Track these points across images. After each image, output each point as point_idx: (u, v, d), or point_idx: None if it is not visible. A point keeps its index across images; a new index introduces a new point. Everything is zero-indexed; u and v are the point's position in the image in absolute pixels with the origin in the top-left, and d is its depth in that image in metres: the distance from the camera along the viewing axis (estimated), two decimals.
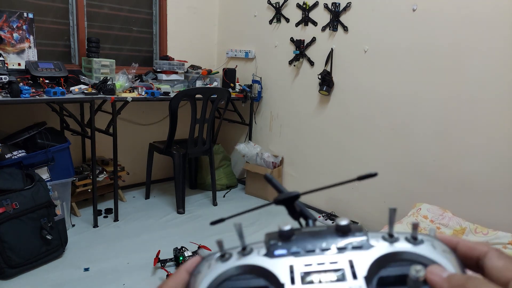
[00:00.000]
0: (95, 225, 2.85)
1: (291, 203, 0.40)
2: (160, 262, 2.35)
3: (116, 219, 2.97)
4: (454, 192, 2.52)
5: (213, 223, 0.40)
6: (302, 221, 0.41)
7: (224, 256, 0.33)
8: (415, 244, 0.33)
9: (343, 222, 0.34)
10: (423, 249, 0.32)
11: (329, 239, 0.33)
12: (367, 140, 2.97)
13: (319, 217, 3.22)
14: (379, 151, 2.90)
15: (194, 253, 2.40)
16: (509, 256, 0.30)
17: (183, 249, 2.37)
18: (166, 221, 3.02)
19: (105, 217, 3.02)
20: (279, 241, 0.33)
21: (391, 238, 0.33)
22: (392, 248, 0.32)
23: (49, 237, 2.29)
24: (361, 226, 0.34)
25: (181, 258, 2.29)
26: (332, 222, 3.09)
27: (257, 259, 0.33)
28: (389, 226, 0.34)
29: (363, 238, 0.33)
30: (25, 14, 2.69)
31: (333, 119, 3.18)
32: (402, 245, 0.33)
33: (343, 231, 0.34)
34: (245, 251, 0.34)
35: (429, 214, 2.36)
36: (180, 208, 3.19)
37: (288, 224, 0.35)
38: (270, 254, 0.33)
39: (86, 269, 2.30)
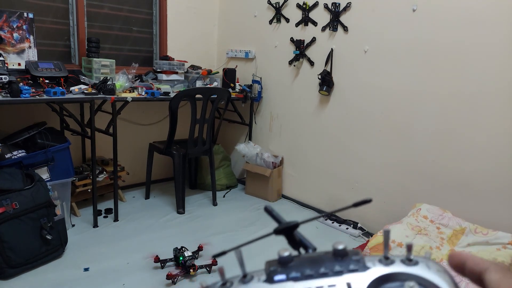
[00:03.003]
0: (95, 225, 2.85)
1: (290, 232, 0.42)
2: (160, 262, 2.35)
3: (116, 219, 2.97)
4: (454, 192, 2.52)
5: (216, 256, 0.43)
6: (302, 251, 0.43)
7: (225, 285, 0.34)
8: (410, 265, 0.34)
9: (340, 246, 0.35)
10: (418, 270, 0.33)
11: (327, 264, 0.34)
12: (367, 140, 2.97)
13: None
14: (379, 151, 2.90)
15: (194, 253, 2.40)
16: (509, 270, 0.32)
17: (183, 249, 2.37)
18: (166, 221, 3.01)
19: (105, 217, 3.02)
20: (279, 267, 0.35)
21: (386, 260, 0.35)
22: (388, 269, 0.34)
23: (49, 237, 2.29)
24: (358, 250, 0.36)
25: (181, 258, 2.29)
26: (332, 222, 3.09)
27: (258, 285, 0.34)
28: (384, 249, 0.36)
29: (360, 261, 0.35)
30: (25, 14, 2.69)
31: (333, 119, 3.18)
32: (398, 267, 0.34)
33: (341, 255, 0.35)
34: (245, 278, 0.35)
35: (429, 214, 2.36)
36: (180, 208, 3.19)
37: (287, 250, 0.36)
38: (270, 280, 0.34)
39: (86, 269, 2.30)
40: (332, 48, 3.11)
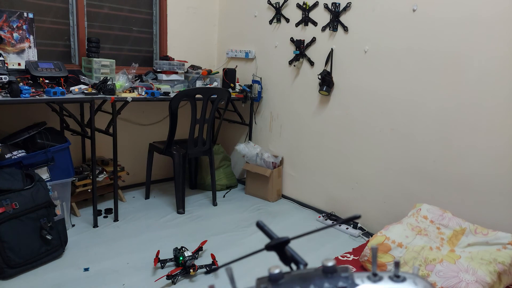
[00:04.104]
0: (95, 225, 2.85)
1: (282, 248, 0.42)
2: (160, 262, 2.35)
3: (116, 219, 2.97)
4: (454, 192, 2.52)
5: (207, 272, 0.45)
6: (294, 266, 0.43)
7: None
8: (398, 281, 0.34)
9: (330, 263, 0.36)
10: (406, 286, 0.34)
11: (317, 281, 0.35)
12: (367, 140, 2.97)
13: (319, 217, 3.22)
14: (379, 151, 2.90)
15: (194, 253, 2.40)
16: None
17: (183, 249, 2.37)
18: (166, 221, 3.01)
19: (105, 217, 3.02)
20: (269, 284, 0.35)
21: (375, 277, 0.35)
22: (376, 286, 0.34)
23: (49, 237, 2.29)
24: (347, 267, 0.36)
25: (181, 258, 2.29)
26: (333, 222, 3.09)
27: None
28: (372, 265, 0.36)
29: (349, 278, 0.35)
30: (25, 14, 2.69)
31: (333, 119, 3.18)
32: (386, 283, 0.34)
33: (330, 272, 0.35)
34: None
35: (429, 215, 2.36)
36: (180, 208, 3.19)
37: (278, 267, 0.36)
38: None
39: (86, 269, 2.30)
40: (332, 48, 3.11)
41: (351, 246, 2.69)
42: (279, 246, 0.43)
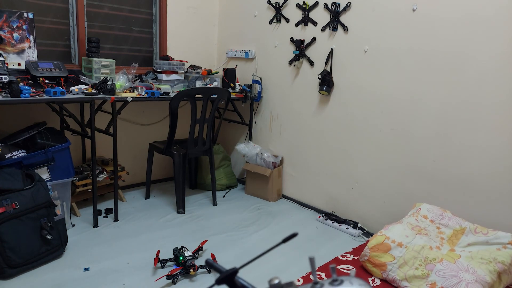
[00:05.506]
0: (95, 225, 2.85)
1: (231, 279, 0.45)
2: (160, 262, 2.35)
3: (116, 219, 2.97)
4: (454, 192, 2.52)
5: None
6: None
7: None
8: (336, 285, 0.40)
9: (276, 281, 0.40)
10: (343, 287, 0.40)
11: None
12: (367, 140, 2.97)
13: (319, 217, 3.22)
14: (379, 151, 2.90)
15: (194, 253, 2.40)
16: None
17: (183, 249, 2.37)
18: (166, 221, 3.02)
19: (105, 217, 3.02)
20: None
21: (316, 285, 0.40)
22: None
23: (49, 237, 2.29)
24: (292, 282, 0.41)
25: (181, 258, 2.29)
26: (332, 222, 3.09)
27: None
28: (312, 274, 0.41)
29: None
30: (25, 14, 2.69)
31: (333, 119, 3.18)
32: None
33: None
34: None
35: (429, 214, 2.36)
36: (180, 208, 3.19)
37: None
38: None
39: (86, 269, 2.30)
40: (332, 48, 3.11)
41: (351, 246, 2.69)
42: (228, 278, 0.47)
